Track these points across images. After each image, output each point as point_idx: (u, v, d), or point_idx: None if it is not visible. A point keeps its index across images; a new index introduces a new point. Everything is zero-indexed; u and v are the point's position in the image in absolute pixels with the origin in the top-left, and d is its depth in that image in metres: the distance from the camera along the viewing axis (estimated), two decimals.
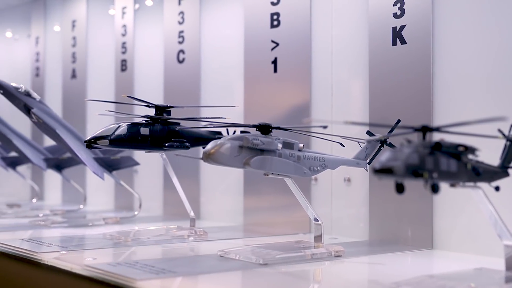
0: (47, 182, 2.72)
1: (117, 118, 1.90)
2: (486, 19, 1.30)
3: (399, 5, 1.42)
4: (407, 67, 1.41)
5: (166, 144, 1.43)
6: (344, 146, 1.37)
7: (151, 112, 1.47)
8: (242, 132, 1.31)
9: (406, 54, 1.41)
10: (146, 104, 1.46)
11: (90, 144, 1.40)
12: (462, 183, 0.93)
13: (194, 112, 1.86)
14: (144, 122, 1.44)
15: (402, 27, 1.41)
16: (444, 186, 0.91)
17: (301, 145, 1.24)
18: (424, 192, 1.02)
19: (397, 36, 1.42)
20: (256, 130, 1.22)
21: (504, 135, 1.02)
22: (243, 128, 1.37)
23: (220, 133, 1.52)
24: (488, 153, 1.01)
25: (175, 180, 1.57)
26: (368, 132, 1.34)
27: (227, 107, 1.52)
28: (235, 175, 1.84)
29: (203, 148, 1.23)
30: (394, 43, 1.43)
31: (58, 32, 2.73)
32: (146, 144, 1.43)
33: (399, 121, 1.26)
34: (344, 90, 1.58)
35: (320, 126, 1.18)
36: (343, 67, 1.59)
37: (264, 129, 1.21)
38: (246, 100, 1.81)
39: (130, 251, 1.31)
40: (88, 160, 1.77)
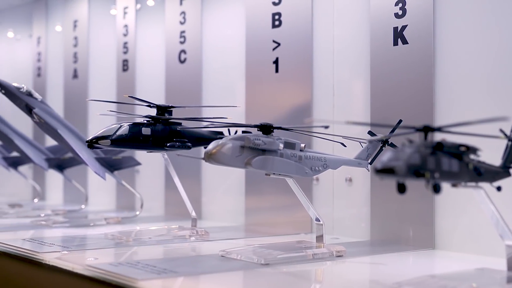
0: (49, 182, 2.72)
1: (118, 118, 1.90)
2: (487, 19, 1.30)
3: (400, 5, 1.42)
4: (408, 67, 1.41)
5: (168, 144, 1.43)
6: (345, 146, 1.37)
7: (153, 112, 1.47)
8: (244, 132, 1.31)
9: (408, 54, 1.41)
10: (147, 104, 1.46)
11: (92, 144, 1.40)
12: (463, 183, 0.93)
13: (195, 112, 1.86)
14: (145, 122, 1.44)
15: (404, 27, 1.41)
16: (445, 186, 0.90)
17: (302, 145, 1.24)
18: (425, 192, 1.02)
19: (398, 36, 1.42)
20: (258, 130, 1.22)
21: (505, 135, 1.02)
22: (244, 128, 1.36)
23: (221, 133, 1.52)
24: (490, 153, 1.01)
25: (176, 180, 1.57)
26: (370, 132, 1.34)
27: (228, 107, 1.52)
28: (236, 175, 1.84)
29: (205, 148, 1.23)
30: (395, 43, 1.43)
31: (59, 32, 2.74)
32: (147, 144, 1.43)
33: (400, 121, 1.26)
34: (346, 90, 1.58)
35: (322, 126, 1.18)
36: (344, 67, 1.59)
37: (266, 129, 1.21)
38: (247, 100, 1.81)
39: (131, 251, 1.31)
40: (89, 160, 1.77)
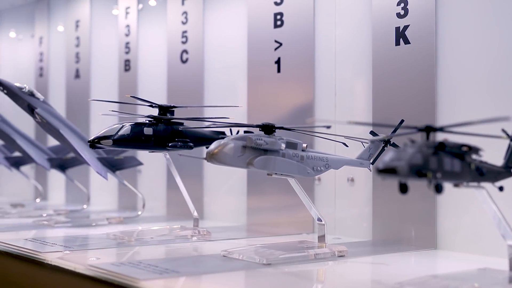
0: (51, 182, 2.72)
1: (120, 118, 1.90)
2: (489, 18, 1.30)
3: (402, 5, 1.42)
4: (410, 67, 1.41)
5: (170, 144, 1.43)
6: (347, 146, 1.36)
7: (155, 112, 1.47)
8: (246, 132, 1.31)
9: (410, 54, 1.41)
10: (149, 104, 1.46)
11: (94, 144, 1.40)
12: (465, 183, 0.93)
13: (197, 112, 1.86)
14: (147, 122, 1.44)
15: (406, 27, 1.41)
16: (447, 186, 0.90)
17: (304, 145, 1.24)
18: (427, 192, 1.02)
19: (400, 36, 1.42)
20: (260, 130, 1.22)
21: (508, 135, 1.02)
22: (246, 128, 1.36)
23: (223, 133, 1.52)
24: (492, 153, 1.01)
25: (178, 180, 1.57)
26: (372, 132, 1.34)
27: (230, 107, 1.52)
28: (238, 175, 1.84)
29: (207, 148, 1.23)
30: (397, 43, 1.43)
31: (61, 32, 2.74)
32: (149, 144, 1.43)
33: (402, 121, 1.26)
34: (348, 90, 1.58)
35: (324, 126, 1.18)
36: (346, 67, 1.59)
37: (268, 129, 1.20)
38: (249, 100, 1.81)
39: (133, 251, 1.31)
40: (91, 160, 1.77)
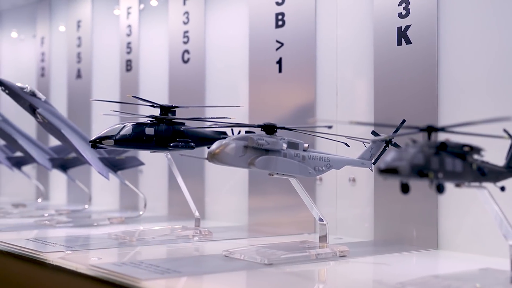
0: (52, 182, 2.72)
1: (122, 118, 1.90)
2: (491, 18, 1.30)
3: (404, 5, 1.42)
4: (412, 67, 1.41)
5: (171, 144, 1.43)
6: (349, 146, 1.36)
7: (156, 112, 1.47)
8: (247, 132, 1.31)
9: (411, 54, 1.41)
10: (151, 104, 1.46)
11: (95, 144, 1.40)
12: (467, 183, 0.93)
13: (199, 112, 1.86)
14: (149, 122, 1.44)
15: (407, 27, 1.41)
16: (449, 186, 0.90)
17: (306, 145, 1.24)
18: (429, 192, 1.02)
19: (402, 36, 1.42)
20: (261, 130, 1.22)
21: (509, 135, 1.02)
22: (248, 128, 1.36)
23: (225, 133, 1.52)
24: (494, 153, 1.00)
25: (180, 180, 1.57)
26: (373, 132, 1.34)
27: (232, 107, 1.52)
28: (240, 175, 1.84)
29: (208, 148, 1.23)
30: (399, 43, 1.43)
31: (63, 32, 2.74)
32: (151, 144, 1.43)
33: (404, 121, 1.26)
34: (349, 90, 1.58)
35: (325, 126, 1.18)
36: (348, 67, 1.59)
37: (269, 129, 1.20)
38: (251, 100, 1.81)
39: (135, 251, 1.31)
40: (93, 160, 1.77)
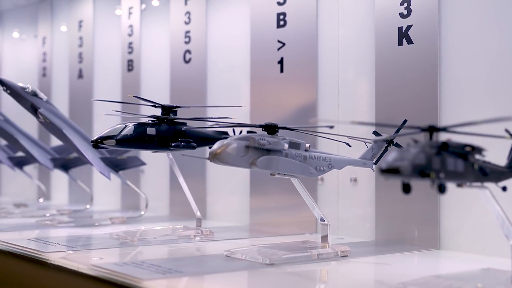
0: (54, 182, 2.72)
1: (123, 118, 1.90)
2: (492, 18, 1.30)
3: (405, 5, 1.42)
4: (413, 67, 1.41)
5: (173, 144, 1.43)
6: (350, 146, 1.36)
7: (158, 112, 1.47)
8: (249, 132, 1.31)
9: (413, 54, 1.40)
10: (152, 104, 1.46)
11: (97, 144, 1.40)
12: (469, 183, 0.93)
13: (200, 112, 1.86)
14: (150, 122, 1.44)
15: (409, 27, 1.41)
16: (451, 186, 0.90)
17: (307, 145, 1.24)
18: (430, 192, 1.02)
19: (403, 36, 1.42)
20: (263, 130, 1.22)
21: (511, 135, 1.02)
22: (249, 128, 1.37)
23: (226, 133, 1.52)
24: (495, 153, 1.00)
25: (181, 180, 1.57)
26: (375, 132, 1.34)
27: (233, 107, 1.52)
28: (241, 175, 1.84)
29: (210, 148, 1.23)
30: (400, 43, 1.43)
31: (64, 32, 2.74)
32: (152, 144, 1.43)
33: (405, 121, 1.26)
34: (351, 90, 1.58)
35: (327, 126, 1.18)
36: (349, 67, 1.59)
37: (271, 129, 1.20)
38: (252, 100, 1.81)
39: (136, 251, 1.31)
40: (94, 160, 1.77)
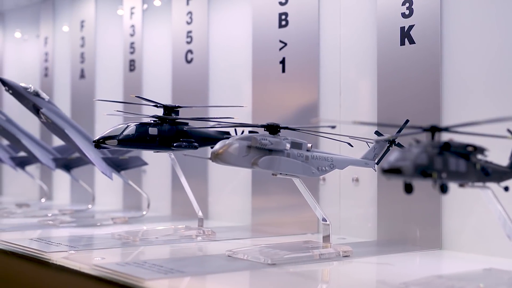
0: (56, 182, 2.73)
1: (125, 118, 1.90)
2: (495, 18, 1.29)
3: (407, 4, 1.42)
4: (415, 67, 1.40)
5: (175, 144, 1.43)
6: (352, 146, 1.36)
7: (160, 112, 1.47)
8: (250, 132, 1.31)
9: (415, 54, 1.40)
10: (154, 104, 1.46)
11: (99, 144, 1.40)
12: (471, 183, 0.92)
13: (202, 112, 1.86)
14: (152, 122, 1.44)
15: (411, 27, 1.41)
16: (453, 186, 0.90)
17: (309, 145, 1.24)
18: (432, 192, 1.02)
19: (405, 35, 1.42)
20: (264, 130, 1.22)
21: None
22: (251, 128, 1.36)
23: (228, 133, 1.52)
24: (497, 153, 1.00)
25: (183, 180, 1.57)
26: (377, 132, 1.34)
27: (235, 107, 1.52)
28: (243, 175, 1.84)
29: (211, 148, 1.23)
30: (402, 43, 1.43)
31: (66, 33, 2.74)
32: (154, 144, 1.43)
33: (407, 121, 1.26)
34: (352, 90, 1.58)
35: (328, 126, 1.17)
36: (351, 67, 1.59)
37: (272, 129, 1.20)
38: (254, 100, 1.81)
39: (138, 251, 1.32)
40: (96, 160, 1.78)
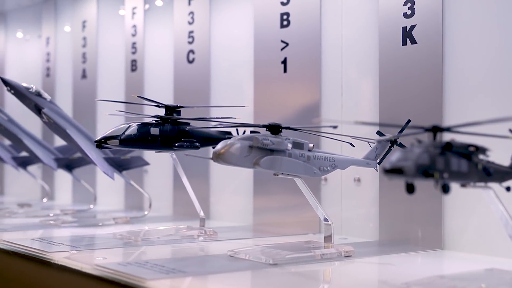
0: (58, 182, 2.73)
1: (127, 118, 1.90)
2: (496, 18, 1.29)
3: (409, 4, 1.42)
4: (417, 67, 1.40)
5: (176, 144, 1.43)
6: (354, 146, 1.36)
7: (161, 112, 1.48)
8: (252, 132, 1.31)
9: (416, 54, 1.40)
10: (156, 104, 1.46)
11: (101, 144, 1.40)
12: (472, 184, 0.92)
13: (204, 112, 1.86)
14: (154, 122, 1.44)
15: (413, 27, 1.41)
16: (454, 186, 0.90)
17: (311, 145, 1.24)
18: (434, 192, 1.02)
19: (407, 35, 1.42)
20: (266, 130, 1.22)
21: None
22: (253, 128, 1.36)
23: (230, 133, 1.52)
24: (499, 153, 1.00)
25: (185, 180, 1.57)
26: (378, 132, 1.34)
27: (237, 107, 1.53)
28: (245, 175, 1.84)
29: (213, 148, 1.23)
30: (404, 43, 1.43)
31: (68, 33, 2.74)
32: (156, 144, 1.43)
33: (409, 121, 1.26)
34: (354, 90, 1.58)
35: (330, 126, 1.18)
36: (353, 67, 1.59)
37: (274, 129, 1.20)
38: (256, 100, 1.81)
39: (140, 251, 1.32)
40: (98, 160, 1.78)
